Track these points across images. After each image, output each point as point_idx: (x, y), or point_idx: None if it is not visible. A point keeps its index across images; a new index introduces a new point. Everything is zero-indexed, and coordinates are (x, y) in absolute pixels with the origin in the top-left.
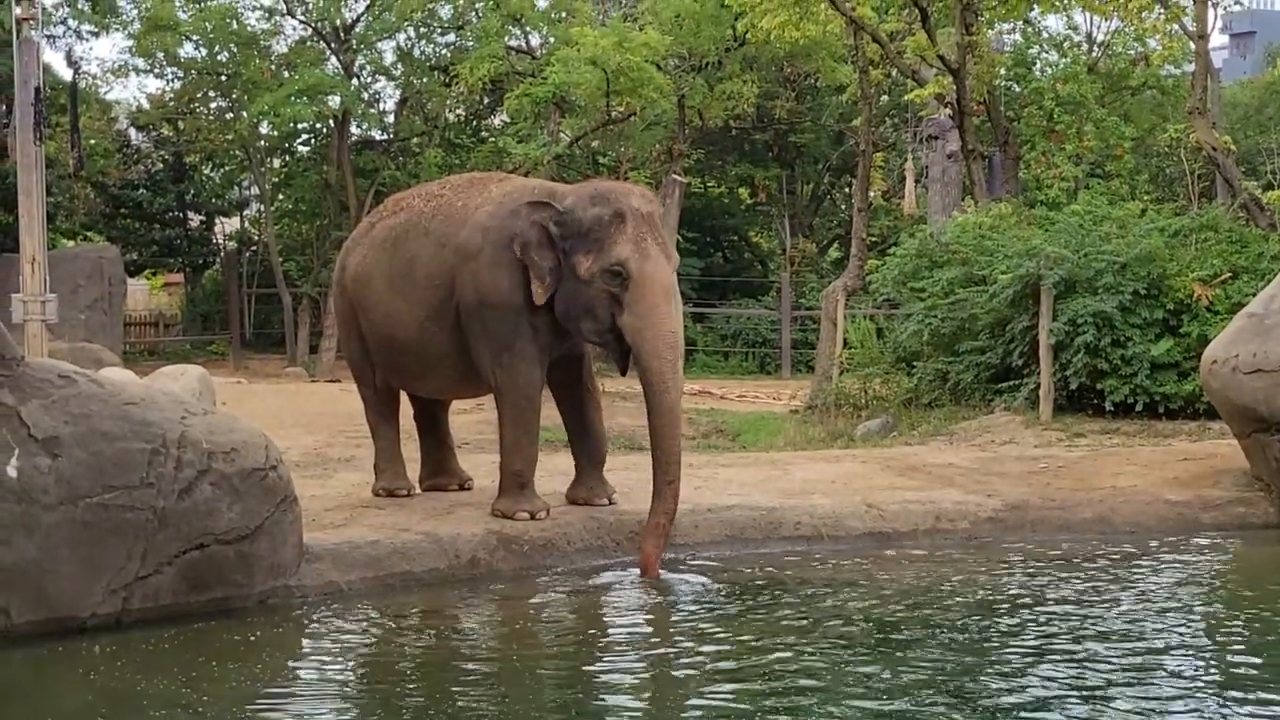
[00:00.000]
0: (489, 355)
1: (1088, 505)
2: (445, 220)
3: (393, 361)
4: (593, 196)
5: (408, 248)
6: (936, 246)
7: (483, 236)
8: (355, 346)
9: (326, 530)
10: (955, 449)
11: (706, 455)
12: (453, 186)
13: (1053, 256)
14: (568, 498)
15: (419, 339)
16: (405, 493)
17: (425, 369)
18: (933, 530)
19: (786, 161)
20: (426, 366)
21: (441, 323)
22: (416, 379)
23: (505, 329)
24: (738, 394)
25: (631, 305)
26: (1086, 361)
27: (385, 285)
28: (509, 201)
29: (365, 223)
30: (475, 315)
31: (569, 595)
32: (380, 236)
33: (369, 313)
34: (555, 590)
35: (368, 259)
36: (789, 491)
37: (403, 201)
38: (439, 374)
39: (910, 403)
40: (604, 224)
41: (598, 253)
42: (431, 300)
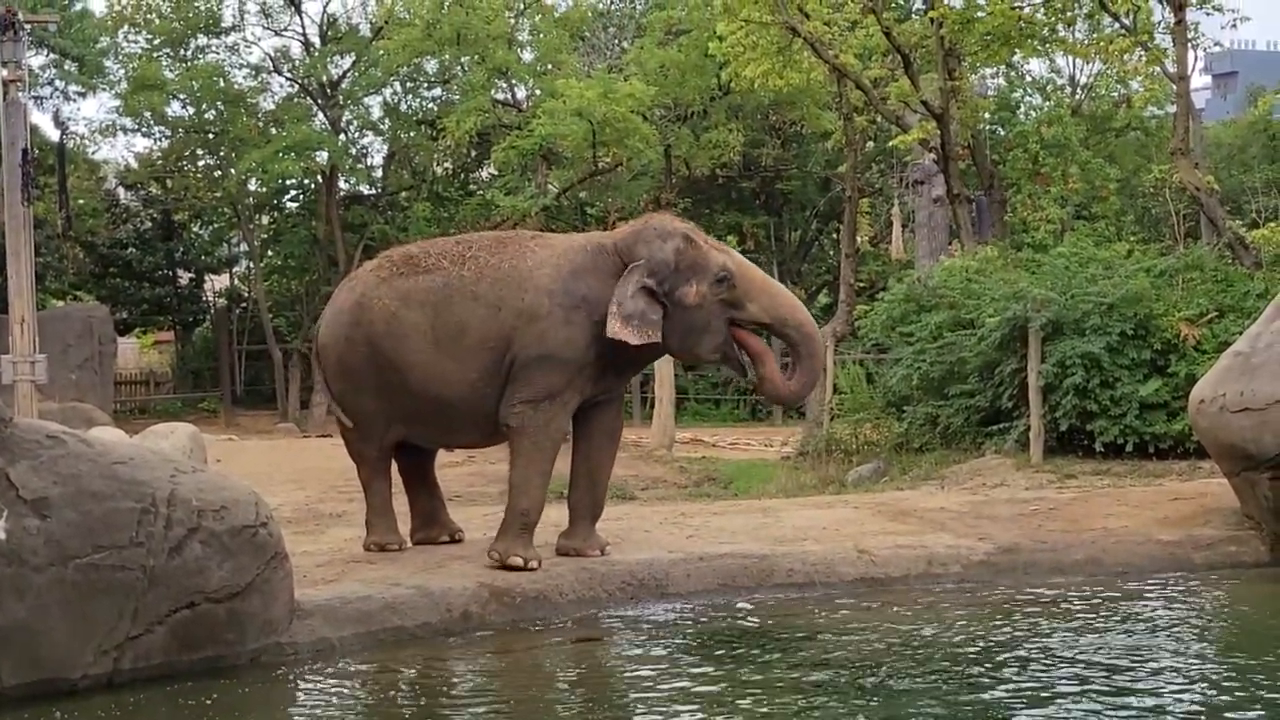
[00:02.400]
0: (524, 396)
1: (1079, 547)
2: (495, 284)
3: (431, 419)
4: (655, 235)
5: (454, 311)
6: (924, 291)
7: (549, 300)
8: (368, 402)
9: (318, 586)
10: (946, 493)
11: (699, 503)
12: (483, 247)
13: (1040, 299)
14: (559, 549)
15: (469, 398)
16: (397, 547)
17: (467, 425)
18: (925, 575)
19: (774, 209)
20: (469, 423)
21: (493, 383)
22: (453, 434)
23: (559, 379)
24: (729, 441)
25: (748, 294)
26: (1076, 403)
27: (428, 346)
28: (565, 263)
29: (371, 276)
30: (534, 366)
31: (562, 648)
32: (411, 295)
33: (406, 371)
34: (548, 643)
35: (400, 317)
36: (781, 538)
37: (420, 260)
38: (479, 430)
39: (901, 447)
40: (683, 251)
41: (698, 275)
42: (485, 362)
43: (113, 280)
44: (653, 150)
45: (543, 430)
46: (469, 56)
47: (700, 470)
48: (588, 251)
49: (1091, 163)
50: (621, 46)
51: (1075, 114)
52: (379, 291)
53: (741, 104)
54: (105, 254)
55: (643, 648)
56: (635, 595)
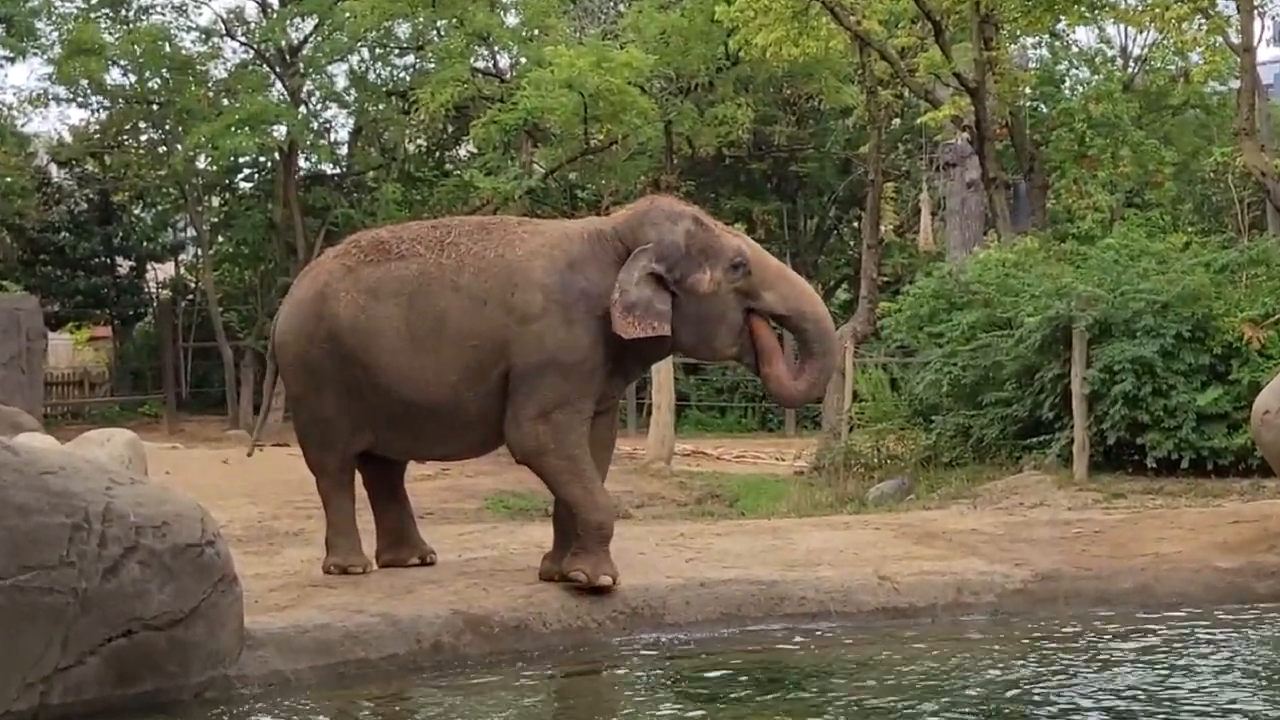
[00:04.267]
0: (533, 411)
1: (1128, 575)
2: (479, 275)
3: (403, 425)
4: (662, 217)
5: (432, 304)
6: (956, 286)
7: (544, 296)
8: (331, 405)
9: (271, 613)
10: (979, 513)
11: (700, 524)
12: (464, 233)
13: (1086, 296)
14: (543, 573)
15: (446, 403)
16: (360, 569)
17: (448, 433)
18: (954, 605)
19: (787, 194)
20: (451, 430)
21: (477, 386)
22: (431, 444)
23: (571, 387)
24: (735, 454)
25: (764, 282)
26: (1125, 413)
27: (401, 342)
28: (560, 254)
29: (335, 264)
30: (536, 375)
31: (545, 684)
32: (382, 285)
33: (376, 371)
34: (530, 679)
35: (370, 310)
36: (792, 563)
37: (392, 246)
38: (463, 439)
39: (928, 462)
40: (695, 234)
41: (711, 260)
42: (466, 362)
43: (43, 268)
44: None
45: (564, 443)
46: (445, 20)
47: (702, 486)
48: (585, 239)
49: (1145, 144)
50: (617, 10)
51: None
52: (345, 281)
53: (752, 76)
54: (35, 239)
55: (636, 684)
56: (628, 625)
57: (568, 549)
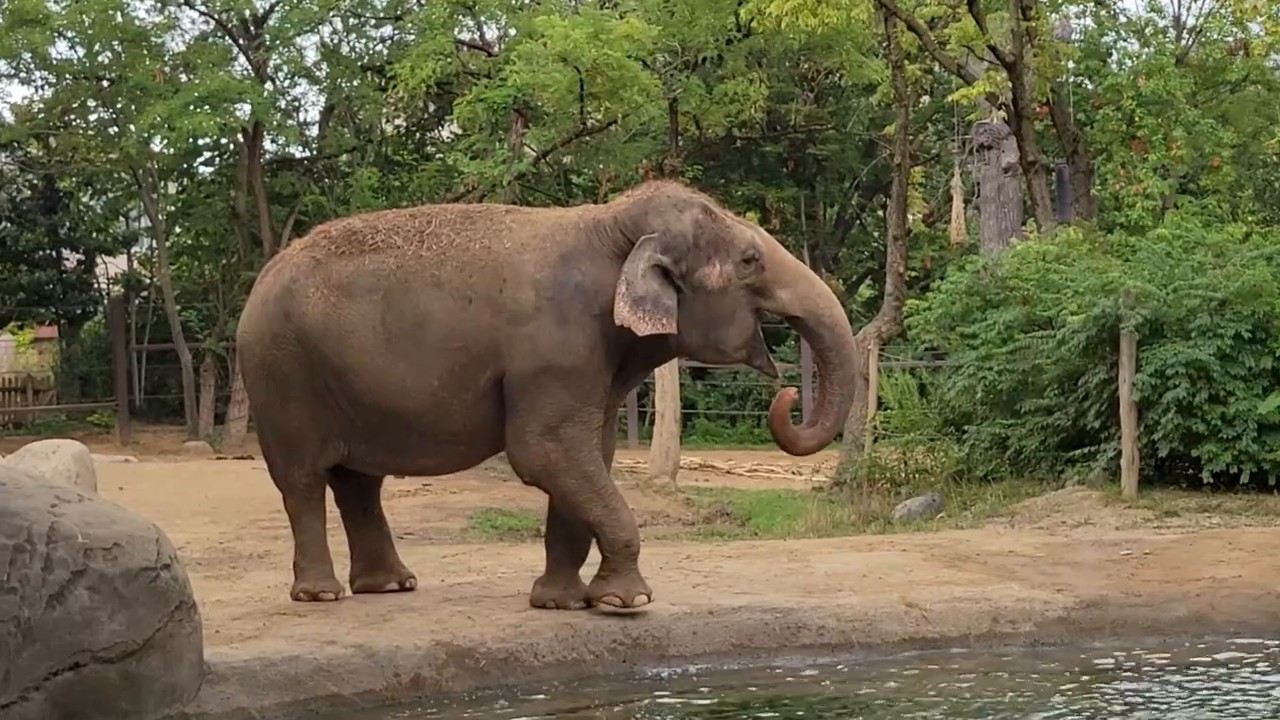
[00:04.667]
0: (538, 427)
1: (1182, 601)
2: (463, 270)
3: (379, 436)
4: (668, 205)
5: (411, 301)
6: (991, 282)
7: (535, 294)
8: (299, 415)
9: (234, 644)
10: (1017, 533)
11: (709, 544)
12: (446, 222)
13: (1135, 293)
14: (534, 599)
15: (428, 411)
16: (333, 596)
17: (431, 445)
18: (989, 635)
19: (805, 179)
20: (433, 442)
21: (462, 393)
22: (412, 457)
23: (574, 396)
24: (747, 468)
25: (779, 279)
26: (1178, 422)
27: (377, 344)
28: (552, 246)
29: (304, 257)
30: (533, 384)
31: None
32: (356, 280)
33: (349, 376)
34: (520, 716)
35: (342, 308)
36: (810, 588)
37: (366, 236)
38: (447, 452)
39: (961, 476)
40: (703, 224)
41: (721, 253)
42: (449, 365)
43: None
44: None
45: (577, 460)
46: None
47: (711, 503)
48: (581, 229)
49: (1200, 124)
50: None
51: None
52: (315, 276)
53: (765, 49)
54: None
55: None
56: (629, 658)
57: (560, 573)
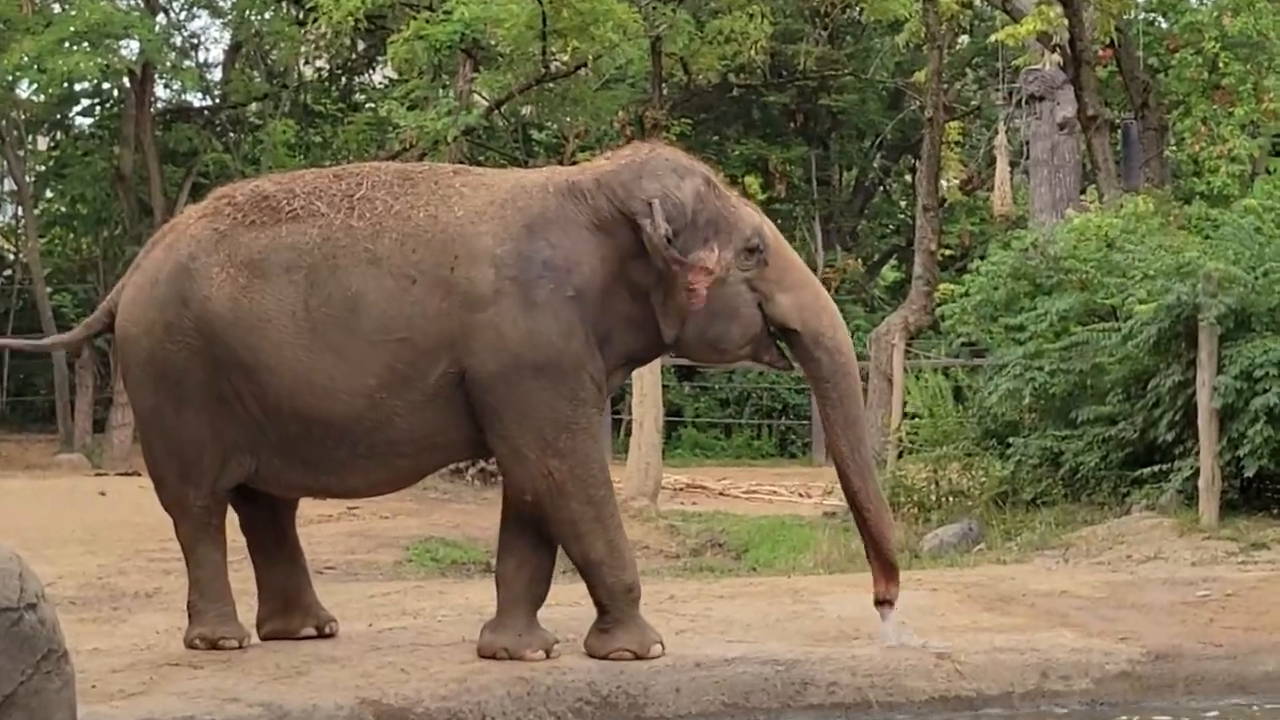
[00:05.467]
0: (533, 444)
1: (1272, 653)
2: (405, 243)
3: (303, 451)
4: (667, 168)
5: (341, 281)
6: (1042, 262)
7: (495, 272)
8: (196, 424)
9: (115, 701)
10: (1071, 569)
11: (696, 582)
12: (380, 184)
13: (1217, 277)
14: (483, 648)
15: (363, 417)
16: (235, 643)
17: (365, 460)
18: (1036, 693)
19: (816, 136)
20: (369, 456)
21: (406, 393)
22: (340, 474)
23: (561, 399)
24: (744, 488)
25: (782, 281)
26: (1269, 435)
27: (300, 334)
28: (514, 213)
29: (203, 227)
30: (502, 388)
31: None
32: (270, 256)
33: (264, 375)
34: None
35: (254, 291)
36: (819, 636)
37: (281, 202)
38: (386, 467)
39: (1004, 500)
40: (705, 198)
41: (722, 236)
42: (390, 360)
43: None
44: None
45: (585, 478)
46: None
47: (700, 531)
48: (550, 193)
49: None
50: None
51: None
52: (217, 252)
53: None
54: None
55: None
56: (597, 718)
57: (514, 616)
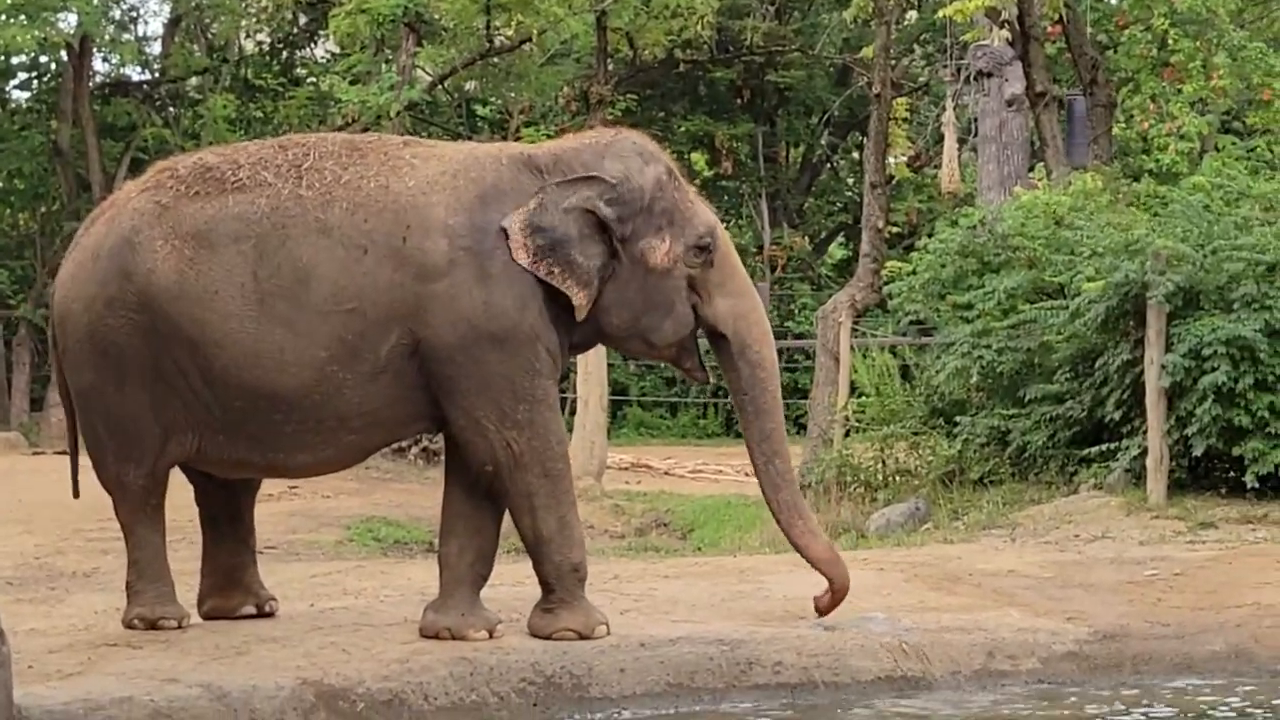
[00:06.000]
0: (491, 417)
1: (1219, 632)
2: (356, 213)
3: (250, 427)
4: (632, 151)
5: (290, 251)
6: (990, 240)
7: (448, 242)
8: (137, 402)
9: (52, 682)
10: (1019, 548)
11: (641, 562)
12: (328, 154)
13: (1166, 255)
14: (425, 627)
15: (314, 391)
16: (175, 623)
17: (309, 435)
18: (983, 673)
19: (763, 112)
20: (318, 431)
21: (356, 365)
22: (286, 450)
23: (518, 370)
24: (690, 468)
25: (723, 284)
26: (1217, 414)
27: (249, 307)
28: (467, 184)
29: (145, 200)
30: (461, 359)
31: None
32: (216, 227)
33: (210, 350)
34: None
35: (200, 263)
36: (765, 616)
37: (226, 174)
38: (329, 442)
39: (951, 479)
40: (665, 187)
41: (676, 227)
42: (341, 332)
43: None
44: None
45: (543, 450)
46: None
47: (645, 511)
48: (504, 166)
49: (1248, 48)
50: None
51: None
52: (160, 225)
53: None
54: None
55: None
56: (541, 700)
57: (457, 596)
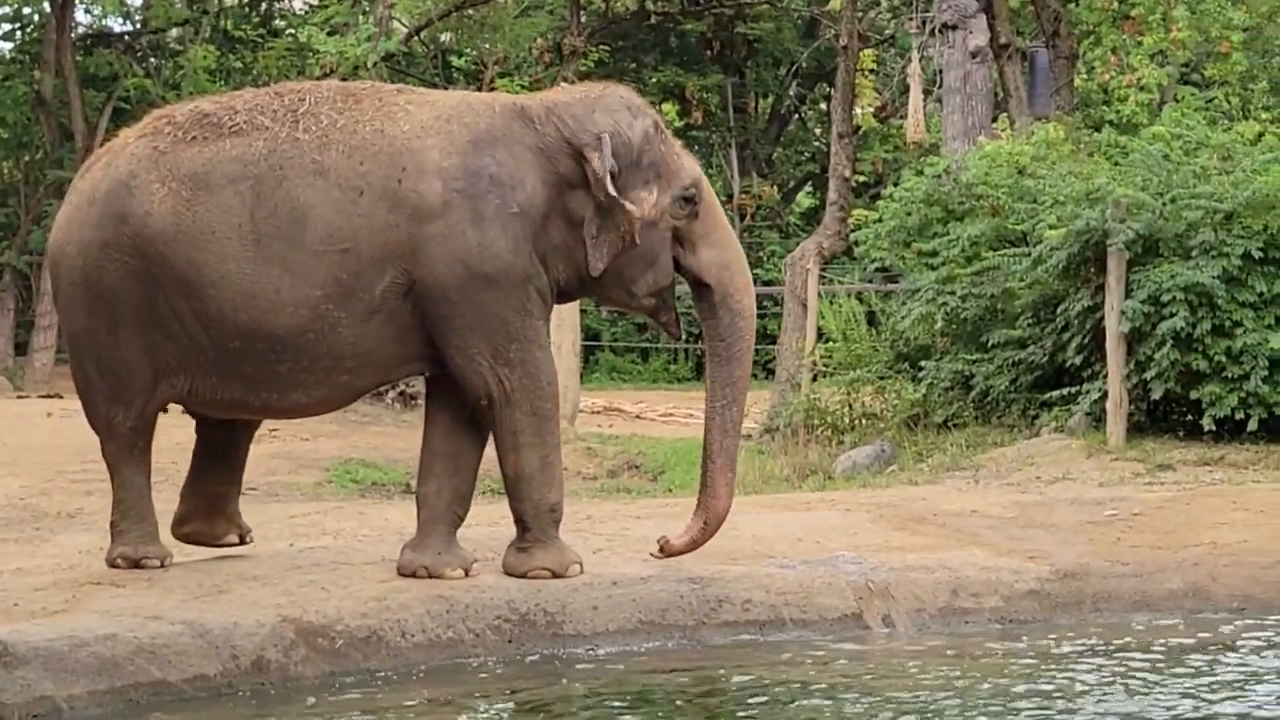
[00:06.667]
0: (485, 353)
1: (1176, 571)
2: (352, 155)
3: (244, 367)
4: (621, 105)
5: (287, 192)
6: (954, 189)
7: (443, 184)
8: (130, 345)
9: (37, 620)
10: (982, 490)
11: (613, 503)
12: (324, 100)
13: (1125, 203)
14: (402, 565)
15: (310, 329)
16: (158, 562)
17: (303, 374)
18: (947, 610)
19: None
20: (307, 370)
21: (350, 304)
22: (280, 389)
23: (511, 310)
24: (661, 412)
25: (707, 235)
26: (1175, 358)
27: (245, 248)
28: (460, 129)
29: (143, 146)
30: (456, 298)
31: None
32: (214, 170)
33: (207, 291)
34: (381, 708)
35: (197, 205)
36: (735, 555)
37: (223, 119)
38: (322, 382)
39: (916, 422)
40: (652, 140)
41: (663, 179)
42: (336, 271)
43: None
44: None
45: (533, 389)
46: None
47: (617, 454)
48: (497, 113)
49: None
50: None
51: None
52: (157, 169)
53: None
54: None
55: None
56: (515, 637)
57: (434, 535)
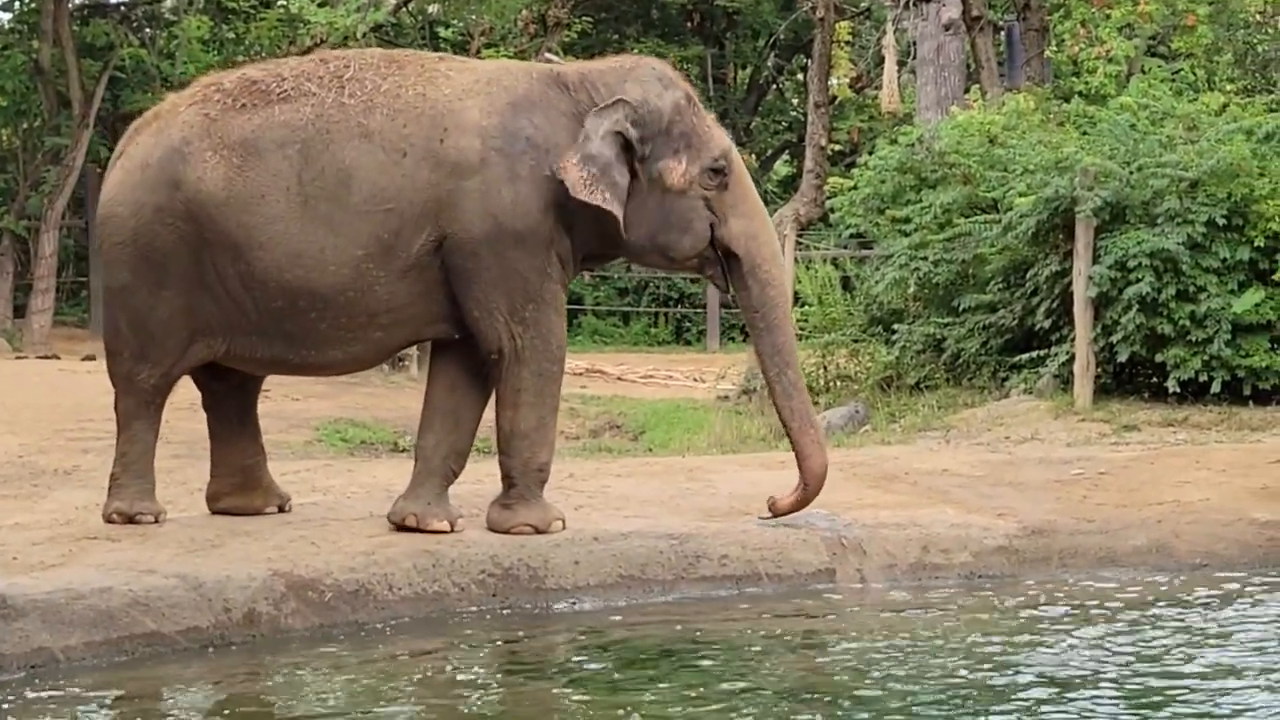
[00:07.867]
0: (503, 309)
1: (1141, 528)
2: (396, 118)
3: (285, 325)
4: (653, 77)
5: (334, 155)
6: (928, 157)
7: (482, 142)
8: (171, 306)
9: (34, 573)
10: (952, 449)
11: (595, 461)
12: (368, 66)
13: (1094, 171)
14: (393, 515)
15: (349, 288)
16: (152, 518)
17: (341, 331)
18: (919, 566)
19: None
20: (348, 328)
21: (389, 263)
22: (318, 346)
23: (533, 270)
24: (641, 374)
25: (737, 206)
26: (1141, 322)
27: (293, 209)
28: (500, 91)
29: (194, 113)
30: (485, 253)
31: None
32: (263, 136)
33: (255, 252)
34: (370, 659)
35: (248, 169)
36: (712, 512)
37: (270, 86)
38: (358, 338)
39: (889, 384)
40: (683, 112)
41: (693, 150)
42: (377, 231)
43: None
44: None
45: (543, 349)
46: None
47: (599, 414)
48: (534, 79)
49: None
50: None
51: None
52: (208, 137)
53: None
54: None
55: (503, 668)
56: (499, 591)
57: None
